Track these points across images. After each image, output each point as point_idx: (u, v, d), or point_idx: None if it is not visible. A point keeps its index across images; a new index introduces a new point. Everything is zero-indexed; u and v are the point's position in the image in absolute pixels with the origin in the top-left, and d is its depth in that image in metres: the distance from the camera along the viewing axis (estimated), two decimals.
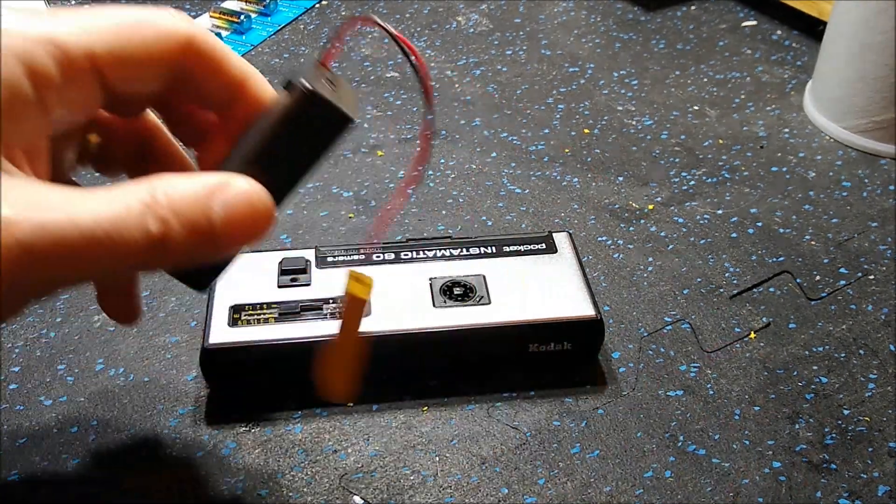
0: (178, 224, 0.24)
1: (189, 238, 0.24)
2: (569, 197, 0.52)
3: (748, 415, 0.39)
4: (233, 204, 0.25)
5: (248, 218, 0.25)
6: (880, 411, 0.39)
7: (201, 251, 0.25)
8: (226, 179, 0.25)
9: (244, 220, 0.25)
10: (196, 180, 0.25)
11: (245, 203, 0.25)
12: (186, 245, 0.24)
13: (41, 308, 0.44)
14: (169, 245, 0.23)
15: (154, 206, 0.23)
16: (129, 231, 0.23)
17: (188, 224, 0.24)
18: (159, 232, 0.23)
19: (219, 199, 0.24)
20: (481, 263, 0.42)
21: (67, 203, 0.22)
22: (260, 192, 0.26)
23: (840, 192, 0.53)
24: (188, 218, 0.24)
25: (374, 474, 0.37)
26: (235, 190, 0.25)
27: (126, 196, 0.23)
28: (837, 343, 0.43)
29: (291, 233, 0.49)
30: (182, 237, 0.24)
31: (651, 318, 0.44)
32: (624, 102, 0.61)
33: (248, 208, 0.25)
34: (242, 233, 0.25)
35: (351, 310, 0.32)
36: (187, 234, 0.24)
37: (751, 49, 0.67)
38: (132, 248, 0.23)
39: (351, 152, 0.56)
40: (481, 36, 0.69)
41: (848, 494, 0.36)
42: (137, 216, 0.23)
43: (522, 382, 0.40)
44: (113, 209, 0.23)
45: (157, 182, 0.24)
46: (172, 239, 0.23)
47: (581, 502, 0.36)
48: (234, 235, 0.25)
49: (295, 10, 0.72)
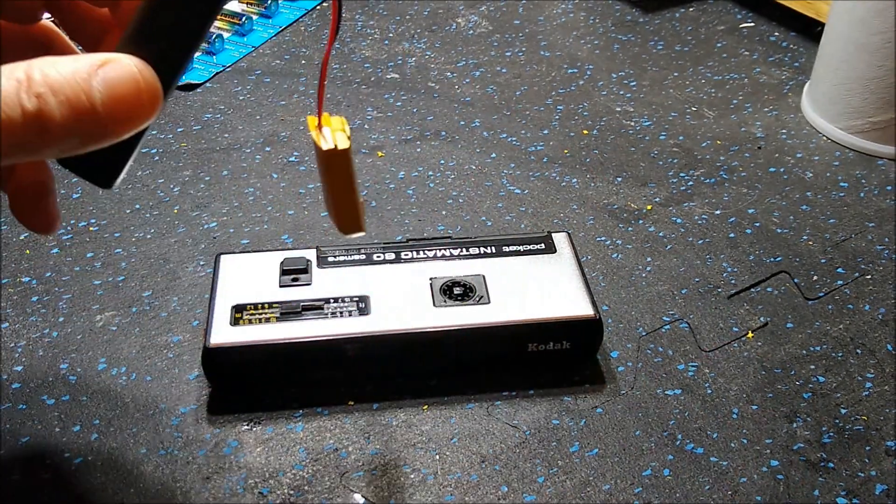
0: (56, 101, 0.23)
1: (69, 116, 0.23)
2: (568, 197, 0.53)
3: (746, 414, 0.39)
4: (113, 79, 0.24)
5: (131, 94, 0.25)
6: (878, 410, 0.40)
7: (86, 131, 0.24)
8: (107, 57, 0.25)
9: (127, 97, 0.25)
10: (78, 60, 0.24)
11: (128, 78, 0.25)
12: (67, 123, 0.23)
13: (44, 308, 0.44)
14: (47, 124, 0.23)
15: (30, 83, 0.23)
16: (4, 108, 0.22)
17: (66, 102, 0.23)
18: (34, 108, 0.23)
19: (99, 76, 0.24)
20: (481, 263, 0.42)
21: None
22: (142, 67, 0.25)
23: (837, 193, 0.53)
24: (66, 95, 0.23)
25: (374, 472, 0.37)
26: (116, 66, 0.24)
27: (3, 74, 0.23)
28: (835, 342, 0.43)
29: (293, 233, 0.50)
30: (61, 115, 0.23)
31: (649, 318, 0.44)
32: (622, 103, 0.61)
33: (131, 84, 0.25)
34: (127, 111, 0.25)
35: (335, 166, 0.30)
36: (67, 112, 0.23)
37: (749, 50, 0.67)
38: (9, 127, 0.23)
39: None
40: (481, 37, 0.69)
41: (845, 493, 0.36)
42: (13, 93, 0.23)
43: (522, 382, 0.41)
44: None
45: (36, 62, 0.24)
46: (50, 117, 0.23)
47: (580, 500, 0.36)
48: (117, 113, 0.24)
49: (296, 11, 0.72)
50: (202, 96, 0.61)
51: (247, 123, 0.59)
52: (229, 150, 0.56)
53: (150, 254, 0.48)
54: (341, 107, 0.60)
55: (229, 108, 0.60)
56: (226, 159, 0.55)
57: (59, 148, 0.24)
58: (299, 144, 0.57)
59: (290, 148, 0.56)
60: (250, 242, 0.49)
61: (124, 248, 0.48)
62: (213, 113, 0.60)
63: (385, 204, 0.52)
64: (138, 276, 0.46)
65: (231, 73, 0.64)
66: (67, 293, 0.45)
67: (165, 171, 0.54)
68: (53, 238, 0.49)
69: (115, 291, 0.45)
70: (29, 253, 0.48)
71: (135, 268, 0.47)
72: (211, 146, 0.56)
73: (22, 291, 0.45)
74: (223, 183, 0.53)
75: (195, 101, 0.61)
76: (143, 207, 0.51)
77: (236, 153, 0.56)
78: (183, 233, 0.49)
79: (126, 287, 0.46)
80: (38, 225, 0.33)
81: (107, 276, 0.46)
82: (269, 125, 0.59)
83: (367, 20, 0.71)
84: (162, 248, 0.48)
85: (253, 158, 0.55)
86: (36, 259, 0.47)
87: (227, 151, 0.56)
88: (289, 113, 0.60)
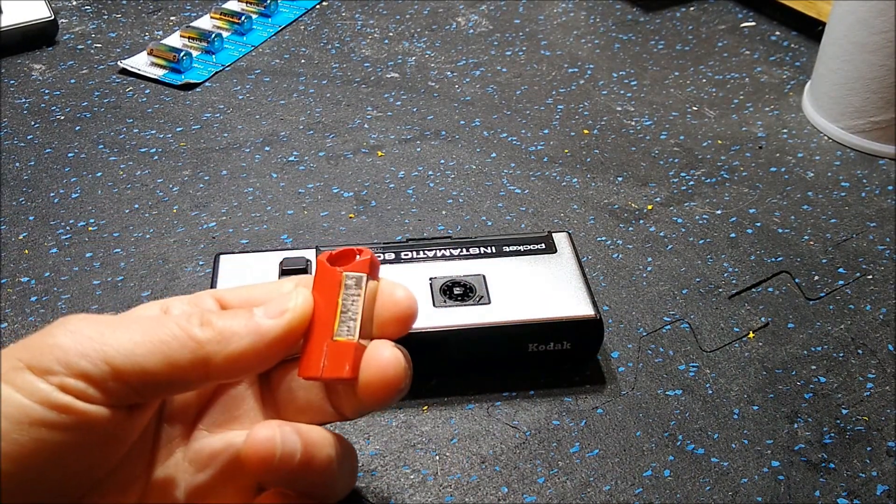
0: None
1: None
2: (568, 197, 0.52)
3: (747, 414, 0.39)
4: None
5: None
6: (879, 411, 0.40)
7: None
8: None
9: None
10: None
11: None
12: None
13: (43, 308, 0.44)
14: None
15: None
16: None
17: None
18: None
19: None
20: (481, 263, 0.42)
21: None
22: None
23: (838, 193, 0.53)
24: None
25: (374, 473, 0.37)
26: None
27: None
28: (836, 343, 0.43)
29: (292, 233, 0.49)
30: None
31: (650, 318, 0.44)
32: (623, 103, 0.61)
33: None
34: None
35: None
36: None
37: (749, 50, 0.67)
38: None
39: (351, 153, 0.56)
40: (481, 37, 0.69)
41: (846, 494, 0.36)
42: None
43: (522, 382, 0.41)
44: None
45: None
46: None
47: (580, 501, 0.36)
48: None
49: (295, 11, 0.72)
50: (201, 96, 0.61)
51: (246, 123, 0.59)
52: (228, 149, 0.56)
53: (149, 254, 0.48)
54: (341, 106, 0.60)
55: (228, 108, 0.60)
56: (225, 159, 0.55)
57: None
58: (299, 144, 0.57)
59: (289, 147, 0.56)
60: (249, 242, 0.49)
61: (123, 248, 0.48)
62: (213, 112, 0.60)
63: (385, 204, 0.52)
64: (137, 276, 0.46)
65: (230, 72, 0.64)
66: (66, 293, 0.45)
67: (164, 170, 0.54)
68: (52, 238, 0.49)
69: (114, 291, 0.45)
70: (28, 253, 0.48)
71: (134, 268, 0.47)
72: (210, 146, 0.56)
73: (21, 291, 0.45)
74: (222, 183, 0.53)
75: (194, 100, 0.61)
76: (142, 207, 0.51)
77: (235, 153, 0.56)
78: (182, 233, 0.49)
79: (125, 287, 0.46)
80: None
81: (106, 276, 0.46)
82: (268, 125, 0.58)
83: (367, 19, 0.71)
84: (161, 248, 0.48)
85: (252, 158, 0.55)
86: (35, 259, 0.47)
87: (227, 151, 0.56)
88: (288, 112, 0.60)
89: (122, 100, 0.61)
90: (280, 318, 0.27)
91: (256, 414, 0.30)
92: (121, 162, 0.55)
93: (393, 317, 0.29)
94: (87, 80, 0.63)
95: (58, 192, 0.52)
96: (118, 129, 0.58)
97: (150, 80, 0.63)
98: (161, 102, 0.61)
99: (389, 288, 0.29)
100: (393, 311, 0.29)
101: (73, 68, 0.64)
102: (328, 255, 0.29)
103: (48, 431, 0.24)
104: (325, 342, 0.28)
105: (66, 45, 0.67)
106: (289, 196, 0.52)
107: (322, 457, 0.28)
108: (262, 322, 0.26)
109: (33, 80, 0.63)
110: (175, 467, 0.29)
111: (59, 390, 0.24)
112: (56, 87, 0.62)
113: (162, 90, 0.62)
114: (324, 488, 0.28)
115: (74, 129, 0.58)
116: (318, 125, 0.58)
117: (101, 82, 0.63)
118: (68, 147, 0.56)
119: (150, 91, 0.62)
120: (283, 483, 0.28)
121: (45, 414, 0.24)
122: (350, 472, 0.30)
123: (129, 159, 0.55)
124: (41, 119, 0.59)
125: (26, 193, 0.52)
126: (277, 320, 0.27)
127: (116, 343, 0.25)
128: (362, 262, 0.28)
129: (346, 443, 0.30)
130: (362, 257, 0.28)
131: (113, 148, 0.56)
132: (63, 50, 0.66)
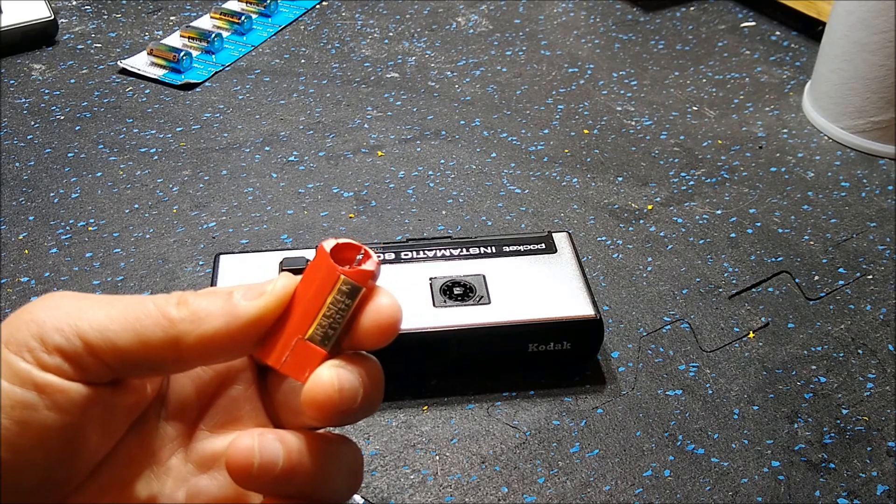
0: None
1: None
2: (568, 197, 0.52)
3: (747, 414, 0.39)
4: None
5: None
6: (879, 411, 0.40)
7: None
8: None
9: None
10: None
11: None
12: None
13: None
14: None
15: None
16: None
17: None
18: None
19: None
20: (481, 263, 0.42)
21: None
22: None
23: (838, 193, 0.53)
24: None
25: (374, 473, 0.37)
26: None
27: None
28: (836, 343, 0.43)
29: (292, 233, 0.49)
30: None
31: (650, 318, 0.44)
32: (623, 103, 0.61)
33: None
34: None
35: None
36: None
37: (750, 50, 0.67)
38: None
39: (351, 153, 0.56)
40: (481, 36, 0.69)
41: (847, 493, 0.36)
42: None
43: (522, 382, 0.41)
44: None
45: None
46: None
47: (580, 501, 0.36)
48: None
49: (295, 11, 0.72)
50: (201, 96, 0.61)
51: (246, 123, 0.59)
52: (228, 149, 0.56)
53: (148, 254, 0.48)
54: (341, 106, 0.60)
55: (228, 108, 0.60)
56: (225, 159, 0.55)
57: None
58: (299, 144, 0.57)
59: (289, 147, 0.56)
60: (249, 242, 0.49)
61: (123, 248, 0.48)
62: (213, 112, 0.60)
63: (385, 204, 0.52)
64: (137, 276, 0.46)
65: (230, 72, 0.64)
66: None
67: (164, 170, 0.54)
68: (52, 238, 0.49)
69: (114, 291, 0.45)
70: (28, 253, 0.48)
71: (134, 268, 0.47)
72: (210, 146, 0.56)
73: (21, 291, 0.45)
74: (222, 182, 0.53)
75: (194, 100, 0.61)
76: (142, 207, 0.51)
77: (235, 153, 0.56)
78: (182, 233, 0.49)
79: (125, 287, 0.46)
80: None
81: (105, 276, 0.46)
82: (268, 124, 0.58)
83: (367, 19, 0.71)
84: (161, 247, 0.48)
85: (252, 158, 0.55)
86: (35, 259, 0.47)
87: (227, 151, 0.56)
88: (288, 112, 0.60)
89: (122, 100, 0.61)
90: (257, 300, 0.26)
91: (259, 415, 0.30)
92: (121, 162, 0.55)
93: (375, 325, 0.28)
94: (87, 79, 0.63)
95: (57, 192, 0.52)
96: (118, 129, 0.58)
97: (150, 80, 0.63)
98: (161, 102, 0.61)
99: (375, 295, 0.28)
100: (375, 320, 0.28)
101: (73, 68, 0.64)
102: (333, 244, 0.27)
103: (30, 412, 0.24)
104: (295, 336, 0.27)
105: (66, 45, 0.67)
106: (289, 196, 0.52)
107: (309, 462, 0.27)
108: (238, 303, 0.26)
109: (33, 80, 0.63)
110: (176, 467, 0.29)
111: (39, 369, 0.24)
112: (56, 87, 0.62)
113: (162, 90, 0.62)
114: (318, 494, 0.28)
115: (74, 128, 0.58)
116: (318, 125, 0.58)
117: (101, 82, 0.63)
118: (68, 147, 0.56)
119: (150, 91, 0.62)
120: (269, 490, 0.28)
121: (24, 395, 0.23)
122: (351, 473, 0.30)
123: (129, 159, 0.55)
124: (41, 119, 0.59)
125: (26, 193, 0.52)
126: (253, 302, 0.26)
127: (92, 318, 0.25)
128: (365, 273, 0.27)
129: (347, 443, 0.30)
130: (366, 266, 0.27)
131: (113, 148, 0.56)
132: (63, 50, 0.66)
